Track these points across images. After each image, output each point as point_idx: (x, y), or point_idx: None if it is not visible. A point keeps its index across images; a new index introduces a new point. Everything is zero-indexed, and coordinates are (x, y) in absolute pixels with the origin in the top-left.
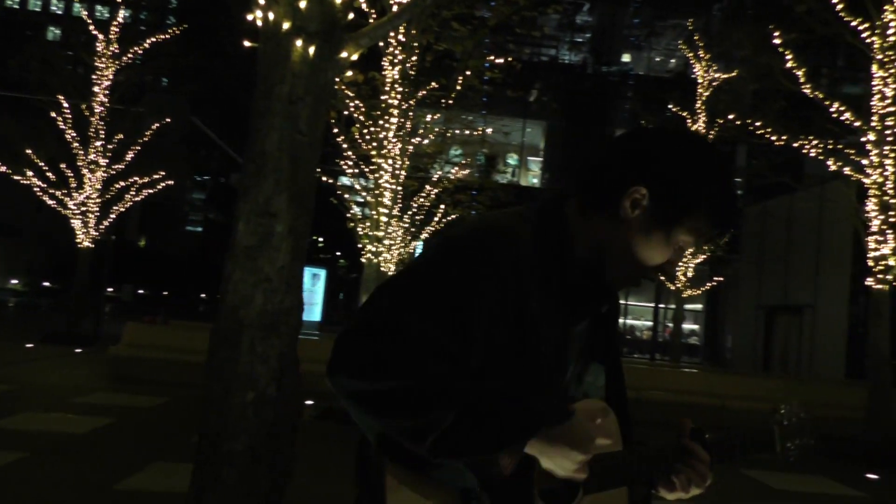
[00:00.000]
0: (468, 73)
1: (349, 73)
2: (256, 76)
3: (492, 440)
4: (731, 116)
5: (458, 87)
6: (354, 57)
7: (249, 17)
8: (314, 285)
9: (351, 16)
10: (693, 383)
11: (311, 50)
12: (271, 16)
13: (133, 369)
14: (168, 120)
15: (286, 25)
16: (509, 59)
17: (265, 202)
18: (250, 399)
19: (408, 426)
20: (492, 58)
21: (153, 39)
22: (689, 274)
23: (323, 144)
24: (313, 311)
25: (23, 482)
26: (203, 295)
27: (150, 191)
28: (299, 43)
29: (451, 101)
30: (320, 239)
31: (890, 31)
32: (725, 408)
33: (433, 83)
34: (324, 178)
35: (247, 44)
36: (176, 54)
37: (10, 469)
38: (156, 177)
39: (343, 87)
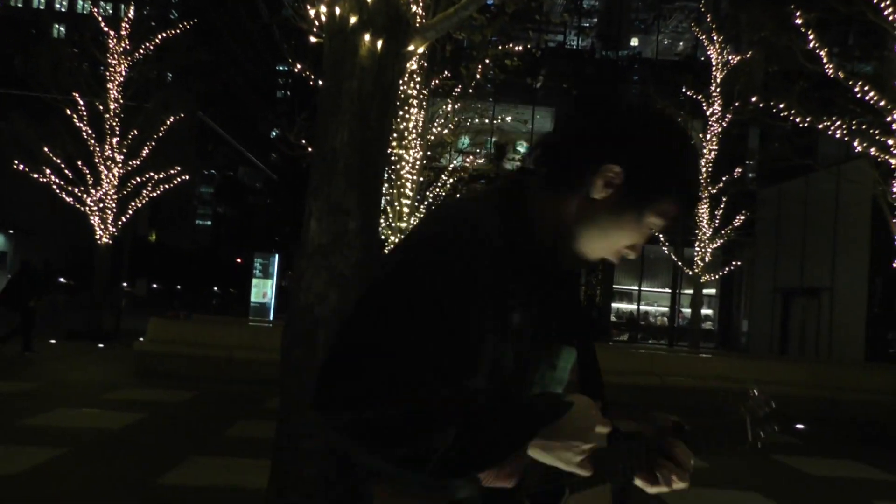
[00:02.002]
0: (487, 61)
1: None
2: (322, 72)
3: (496, 450)
4: (753, 99)
5: (478, 76)
6: (421, 49)
7: (313, 11)
8: None
9: (414, 9)
10: (714, 368)
11: (379, 44)
12: (337, 10)
13: (159, 364)
14: (182, 115)
15: (353, 20)
16: (528, 46)
17: (337, 200)
18: None
19: (407, 454)
20: (511, 45)
21: (164, 35)
22: (707, 259)
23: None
24: None
25: (65, 478)
26: (215, 288)
27: (167, 186)
28: (367, 38)
29: (469, 91)
30: None
31: None
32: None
33: (446, 72)
34: None
35: (312, 39)
36: (187, 50)
37: (52, 465)
38: (172, 172)
39: None
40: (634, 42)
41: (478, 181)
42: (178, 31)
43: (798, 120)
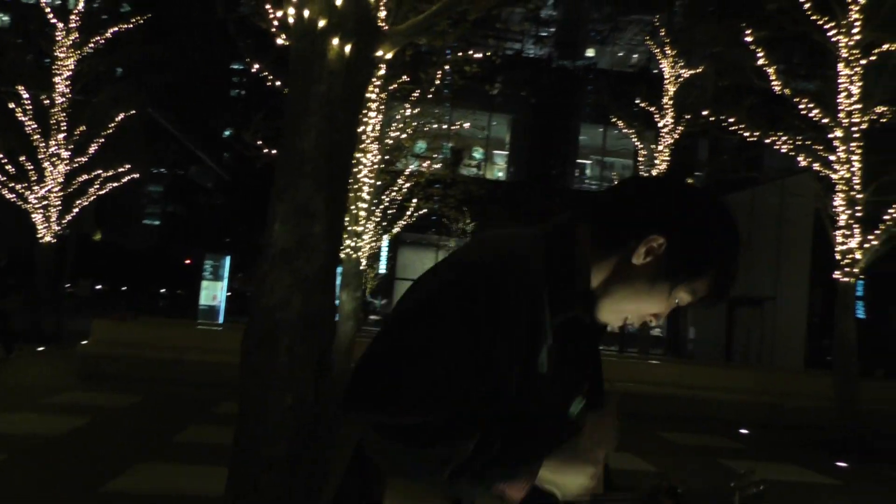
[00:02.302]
0: (447, 67)
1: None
2: (287, 73)
3: (511, 466)
4: (704, 112)
5: (437, 81)
6: (389, 55)
7: (280, 13)
8: None
9: (382, 13)
10: (664, 374)
11: (348, 48)
12: (306, 13)
13: (103, 367)
14: (132, 111)
15: (322, 23)
16: (488, 53)
17: (303, 203)
18: (289, 403)
19: (429, 457)
20: (471, 52)
21: (116, 29)
22: None
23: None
24: None
25: (5, 485)
26: (163, 290)
27: (115, 184)
28: (336, 41)
29: (429, 95)
30: None
31: (855, 31)
32: (696, 398)
33: (405, 76)
34: None
35: (279, 41)
36: (139, 44)
37: None
38: (120, 170)
39: None
40: (591, 53)
41: (433, 186)
42: (131, 24)
43: (747, 134)
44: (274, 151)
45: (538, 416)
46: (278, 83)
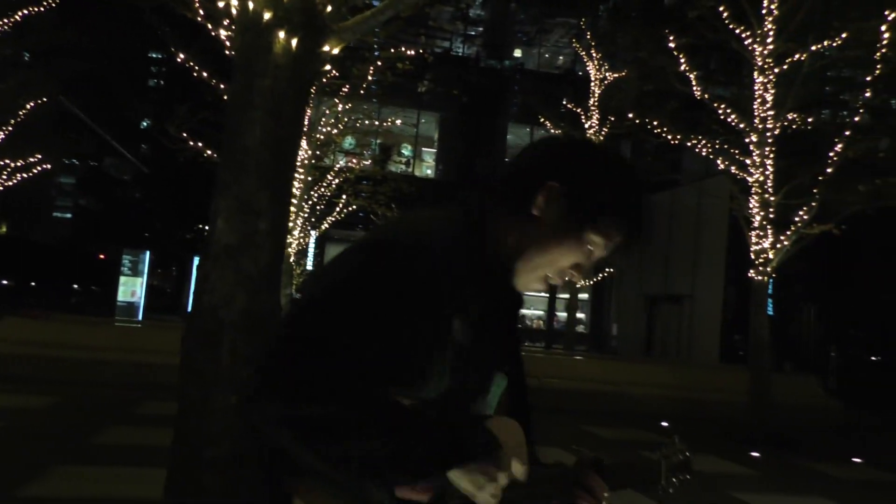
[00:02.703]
0: (379, 63)
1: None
2: (232, 67)
3: (420, 469)
4: (630, 115)
5: (370, 77)
6: (336, 51)
7: (221, 4)
8: None
9: (329, 9)
10: (588, 370)
11: (294, 43)
12: (251, 5)
13: (14, 367)
14: (44, 99)
15: (267, 16)
16: (420, 50)
17: (247, 199)
18: (233, 403)
19: (337, 453)
20: (403, 49)
21: (24, 12)
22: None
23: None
24: None
25: None
26: (75, 286)
27: (23, 175)
28: (282, 35)
29: (361, 91)
30: (206, 228)
31: (769, 40)
32: (621, 393)
33: (335, 72)
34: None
35: (223, 34)
36: (51, 29)
37: None
38: (30, 160)
39: None
40: (518, 53)
41: (362, 182)
42: (41, 7)
43: (670, 137)
44: (200, 144)
45: (456, 423)
46: (205, 74)
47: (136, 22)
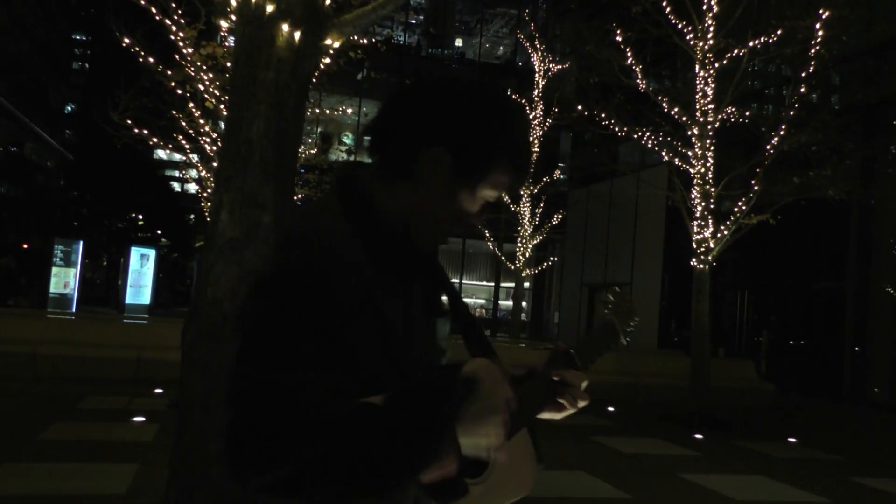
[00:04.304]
0: (332, 52)
1: (207, 48)
2: (235, 59)
3: (429, 453)
4: (579, 107)
5: (323, 67)
6: (337, 44)
7: None
8: (143, 267)
9: (328, 1)
10: (531, 358)
11: (297, 36)
12: None
13: None
14: None
15: (270, 9)
16: (374, 39)
17: (251, 192)
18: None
19: (341, 487)
20: (355, 38)
21: None
22: (528, 255)
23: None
24: (143, 293)
25: None
26: None
27: None
28: (285, 28)
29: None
30: (139, 217)
31: (710, 36)
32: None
33: None
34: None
35: (223, 25)
36: None
37: None
38: None
39: (196, 61)
40: (459, 42)
41: (308, 172)
42: None
43: (616, 129)
44: (146, 131)
45: (433, 385)
46: (151, 60)
47: (60, 3)
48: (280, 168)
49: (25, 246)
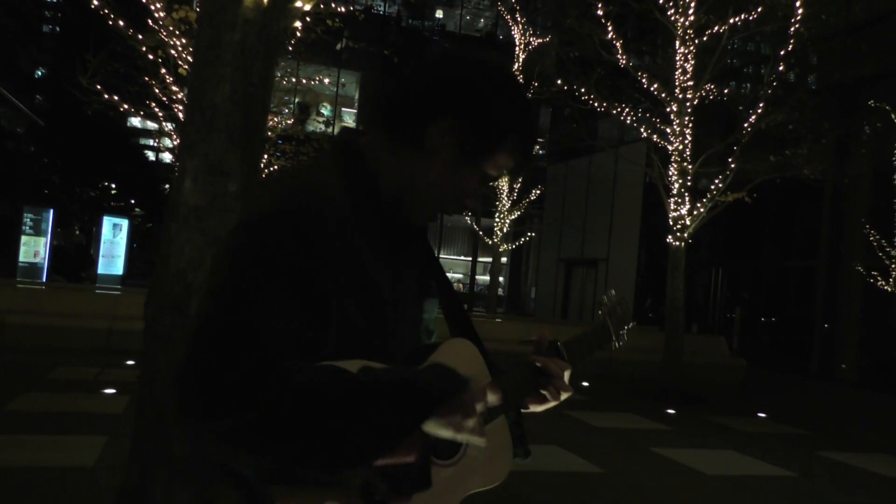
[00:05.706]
0: (308, 19)
1: (179, 12)
2: (199, 20)
3: (390, 437)
4: (559, 81)
5: (298, 34)
6: (307, 7)
7: None
8: (116, 236)
9: None
10: (510, 331)
11: None
12: None
13: None
14: None
15: None
16: (352, 8)
17: (217, 159)
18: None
19: (295, 451)
20: (333, 6)
21: None
22: (506, 230)
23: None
24: (115, 263)
25: None
26: None
27: None
28: None
29: (290, 47)
30: (113, 186)
31: (691, 12)
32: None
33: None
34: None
35: None
36: None
37: None
38: None
39: (169, 25)
40: (439, 14)
41: (284, 142)
42: None
43: (596, 105)
44: (116, 97)
45: (388, 352)
46: (121, 23)
47: None
48: (247, 135)
49: None
